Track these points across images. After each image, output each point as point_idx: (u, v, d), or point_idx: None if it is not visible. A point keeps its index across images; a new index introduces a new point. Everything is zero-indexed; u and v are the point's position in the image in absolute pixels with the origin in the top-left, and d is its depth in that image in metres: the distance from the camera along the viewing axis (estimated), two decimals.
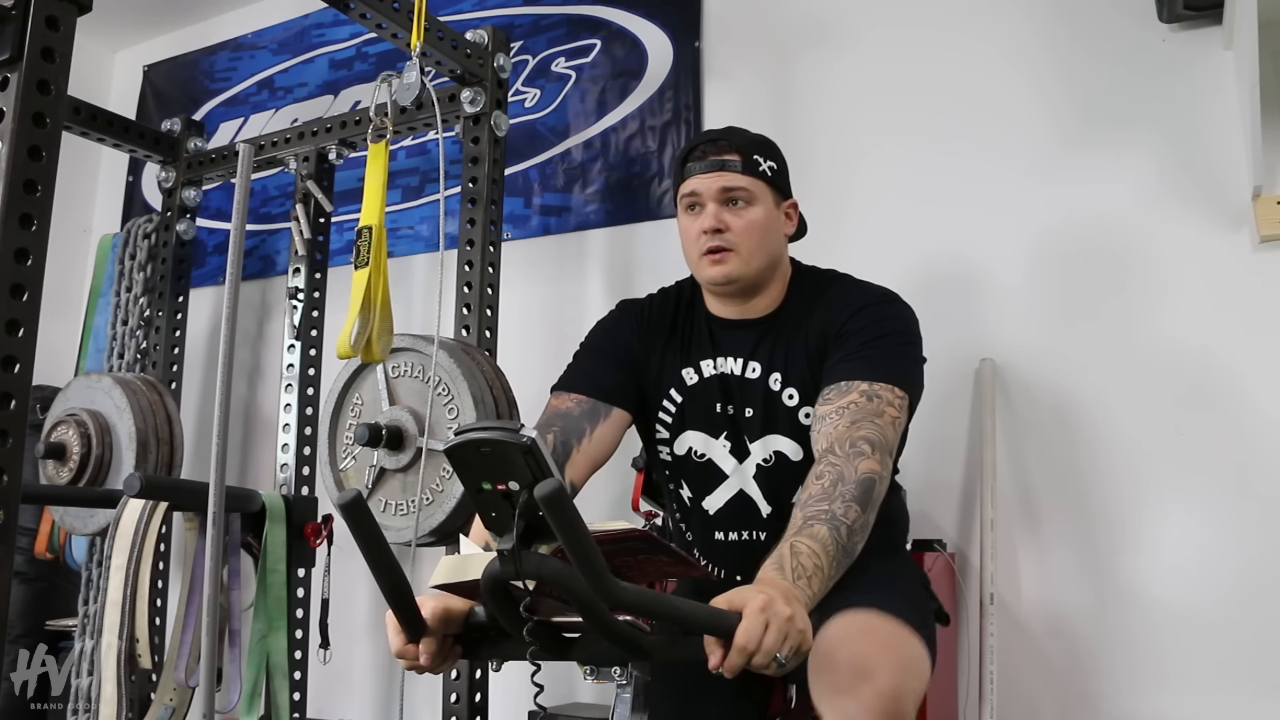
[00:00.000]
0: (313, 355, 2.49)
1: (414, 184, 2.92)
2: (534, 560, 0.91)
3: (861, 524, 1.21)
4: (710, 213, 1.48)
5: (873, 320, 1.44)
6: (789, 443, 1.49)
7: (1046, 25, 2.16)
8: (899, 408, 1.36)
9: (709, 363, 1.54)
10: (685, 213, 1.52)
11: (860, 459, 1.26)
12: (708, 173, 1.48)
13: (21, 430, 1.33)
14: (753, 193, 1.48)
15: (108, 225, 3.48)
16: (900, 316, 1.47)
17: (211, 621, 1.19)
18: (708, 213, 1.48)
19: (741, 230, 1.47)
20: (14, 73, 1.35)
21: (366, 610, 2.68)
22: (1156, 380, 1.95)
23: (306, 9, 3.22)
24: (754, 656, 0.98)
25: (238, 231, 1.18)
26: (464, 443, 0.88)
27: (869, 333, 1.42)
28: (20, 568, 2.71)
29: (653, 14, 2.63)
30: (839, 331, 1.44)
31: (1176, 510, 1.90)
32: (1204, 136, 1.97)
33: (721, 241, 1.47)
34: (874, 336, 1.42)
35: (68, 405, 2.42)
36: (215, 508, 1.15)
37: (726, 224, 1.47)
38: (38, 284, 1.36)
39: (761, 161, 1.50)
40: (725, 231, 1.47)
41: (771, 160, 1.52)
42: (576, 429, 1.48)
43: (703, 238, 1.48)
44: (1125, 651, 1.90)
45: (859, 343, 1.41)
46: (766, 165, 1.51)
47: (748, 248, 1.48)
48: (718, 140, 1.51)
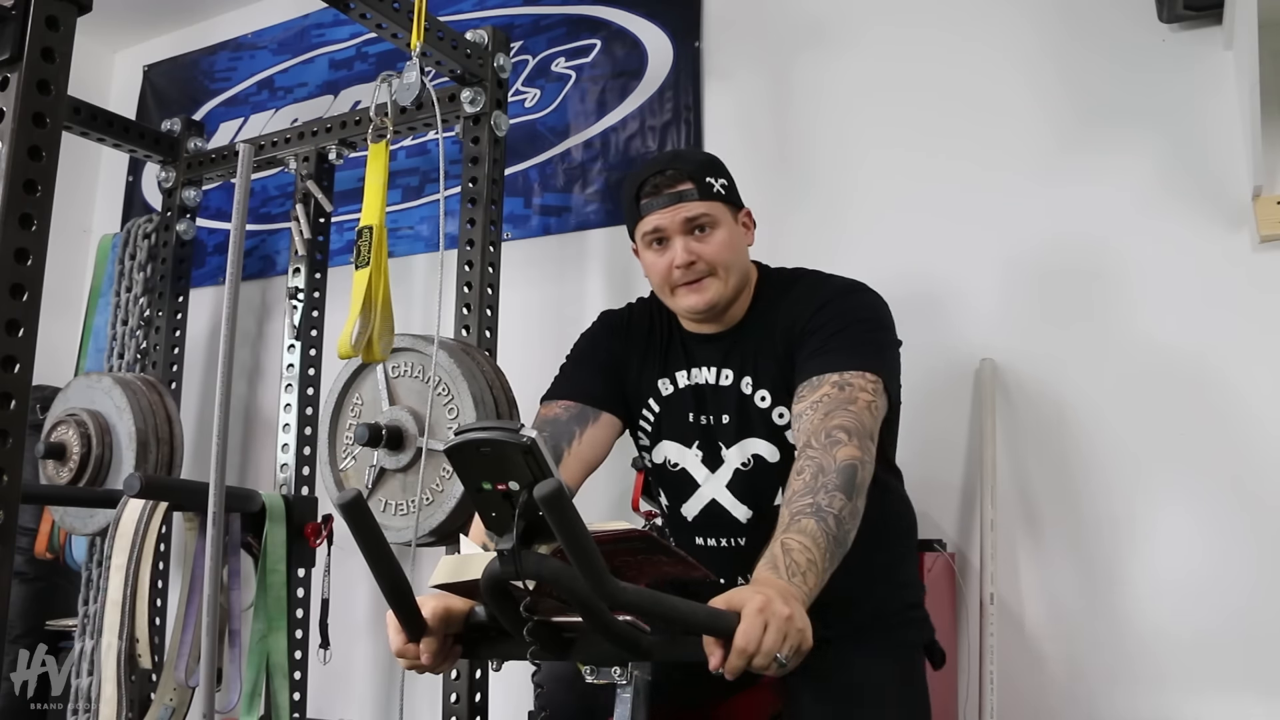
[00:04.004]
0: (313, 355, 2.48)
1: (414, 184, 2.92)
2: (534, 560, 0.91)
3: (850, 511, 1.20)
4: (679, 246, 1.47)
5: (837, 312, 1.44)
6: (765, 445, 1.50)
7: (1047, 25, 2.16)
8: (872, 391, 1.36)
9: (683, 374, 1.56)
10: (649, 249, 1.52)
11: (837, 447, 1.26)
12: (666, 207, 1.47)
13: (21, 430, 1.33)
14: (714, 216, 1.48)
15: (108, 225, 3.48)
16: (864, 304, 1.48)
17: (211, 621, 1.19)
18: (676, 247, 1.48)
19: (713, 255, 1.47)
20: (14, 73, 1.35)
21: (366, 610, 2.68)
22: (1156, 380, 1.95)
23: (306, 9, 3.21)
24: (754, 658, 0.98)
25: (238, 231, 1.18)
26: (464, 443, 0.88)
27: (835, 325, 1.43)
28: (20, 568, 2.71)
29: (653, 14, 2.63)
30: (805, 328, 1.45)
31: (1176, 510, 1.90)
32: (1204, 136, 1.97)
33: (697, 272, 1.48)
34: (840, 328, 1.42)
35: (68, 405, 2.42)
36: (215, 508, 1.15)
37: (698, 253, 1.47)
38: (38, 284, 1.36)
39: (714, 182, 1.49)
40: (698, 262, 1.47)
41: (722, 178, 1.51)
42: (565, 432, 1.50)
43: (675, 272, 1.48)
44: (1125, 651, 1.90)
45: (825, 336, 1.42)
46: (719, 185, 1.50)
47: (724, 269, 1.48)
48: (666, 171, 1.49)
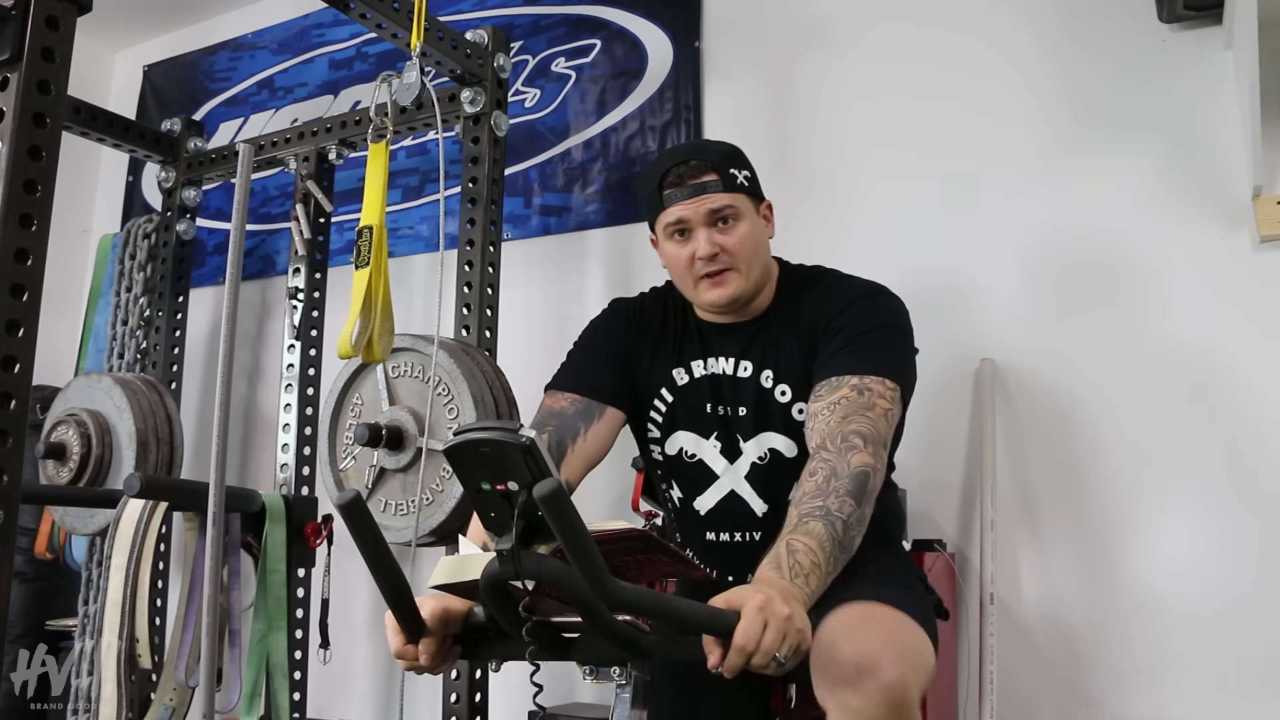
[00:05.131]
0: (313, 355, 2.48)
1: (414, 184, 2.92)
2: (533, 560, 0.91)
3: (858, 518, 1.20)
4: (703, 238, 1.46)
5: (860, 314, 1.44)
6: (783, 439, 1.49)
7: (1047, 25, 2.16)
8: (890, 400, 1.36)
9: (699, 363, 1.55)
10: (670, 240, 1.50)
11: (853, 453, 1.25)
12: (691, 198, 1.46)
13: (21, 430, 1.33)
14: (738, 208, 1.47)
15: (108, 225, 3.48)
16: (888, 309, 1.47)
17: (211, 621, 1.19)
18: (700, 238, 1.46)
19: (736, 247, 1.46)
20: (14, 73, 1.35)
21: (366, 610, 2.68)
22: (1156, 380, 1.95)
23: (306, 9, 3.21)
24: (753, 656, 0.98)
25: (238, 231, 1.18)
26: (463, 443, 0.88)
27: (857, 326, 1.42)
28: (20, 568, 2.72)
29: (653, 14, 2.63)
30: (828, 326, 1.44)
31: (1176, 510, 1.90)
32: (1204, 136, 1.97)
33: (720, 264, 1.47)
34: (862, 330, 1.42)
35: (68, 405, 2.42)
36: (215, 508, 1.15)
37: (721, 245, 1.46)
38: (38, 284, 1.36)
39: (738, 174, 1.48)
40: (721, 254, 1.46)
41: (745, 169, 1.50)
42: (571, 428, 1.48)
43: (699, 264, 1.47)
44: (1125, 651, 1.90)
45: (848, 337, 1.41)
46: (743, 177, 1.49)
47: (745, 263, 1.47)
48: (689, 161, 1.47)
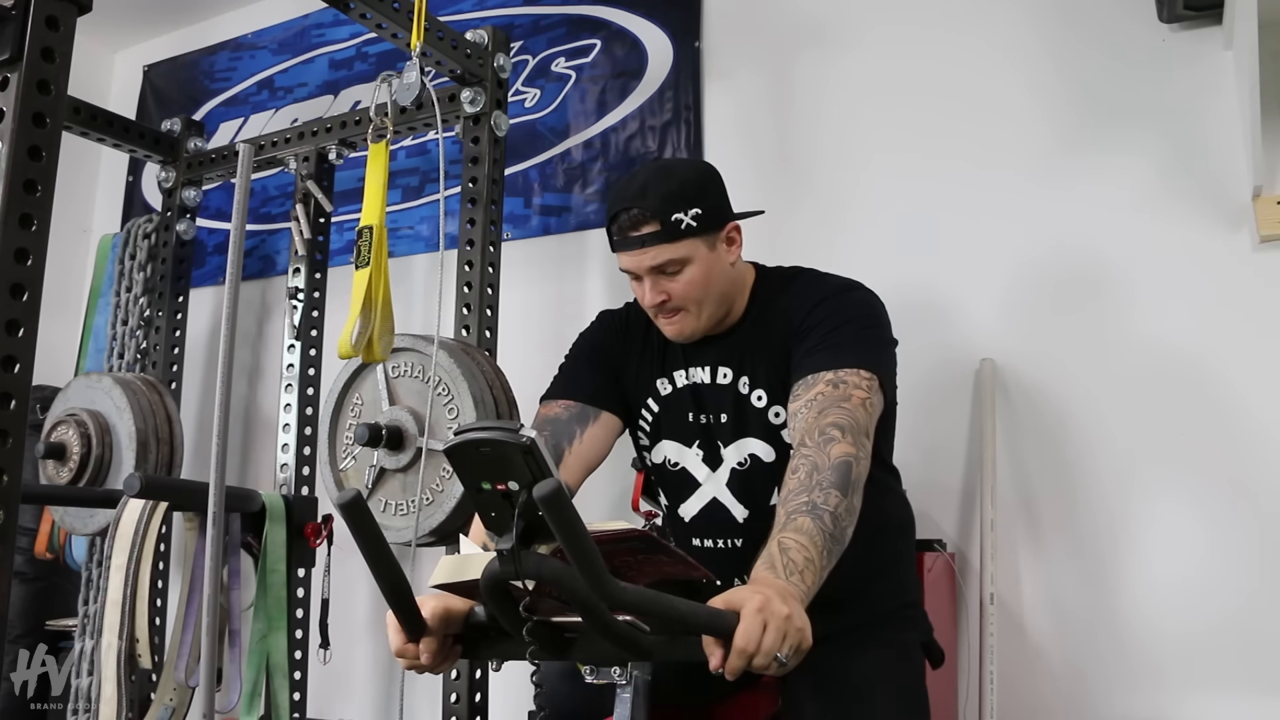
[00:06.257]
0: (313, 355, 2.49)
1: (414, 184, 2.92)
2: (533, 560, 0.91)
3: (846, 508, 1.20)
4: (649, 286, 1.47)
5: (831, 311, 1.44)
6: (761, 444, 1.50)
7: (1047, 25, 2.16)
8: (867, 388, 1.36)
9: (681, 373, 1.56)
10: (629, 278, 1.52)
11: (831, 444, 1.26)
12: (632, 250, 1.45)
13: (21, 430, 1.33)
14: (681, 257, 1.44)
15: (108, 225, 3.48)
16: (859, 302, 1.48)
17: (211, 621, 1.19)
18: (646, 286, 1.48)
19: (682, 293, 1.47)
20: (14, 73, 1.35)
21: (366, 610, 2.68)
22: (1156, 380, 1.95)
23: (306, 9, 3.21)
24: (754, 658, 0.98)
25: (238, 231, 1.18)
26: (463, 443, 0.88)
27: (830, 323, 1.43)
28: (20, 568, 2.71)
29: (653, 14, 2.63)
30: (800, 327, 1.45)
31: (1175, 510, 1.90)
32: (1204, 136, 1.97)
33: (669, 308, 1.49)
34: (834, 326, 1.42)
35: (68, 405, 2.42)
36: (215, 508, 1.15)
37: (667, 292, 1.47)
38: (38, 284, 1.36)
39: (683, 218, 1.42)
40: (668, 300, 1.48)
41: (694, 206, 1.43)
42: (566, 431, 1.50)
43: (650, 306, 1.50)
44: (1124, 651, 1.90)
45: (821, 334, 1.42)
46: (689, 219, 1.43)
47: (695, 304, 1.49)
48: (631, 209, 1.43)
